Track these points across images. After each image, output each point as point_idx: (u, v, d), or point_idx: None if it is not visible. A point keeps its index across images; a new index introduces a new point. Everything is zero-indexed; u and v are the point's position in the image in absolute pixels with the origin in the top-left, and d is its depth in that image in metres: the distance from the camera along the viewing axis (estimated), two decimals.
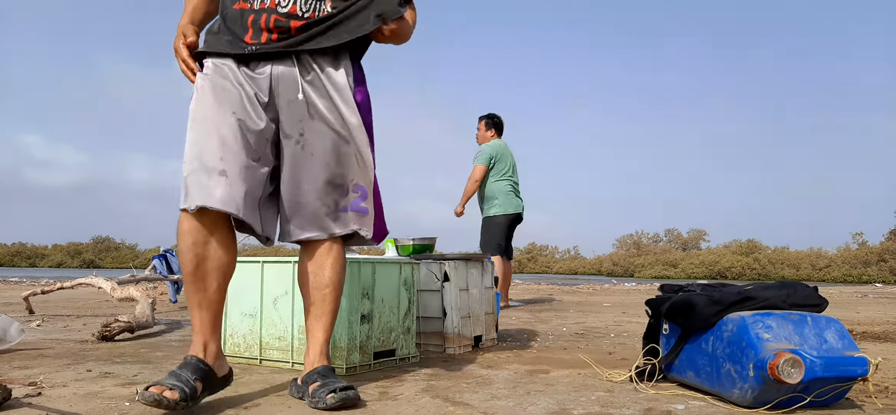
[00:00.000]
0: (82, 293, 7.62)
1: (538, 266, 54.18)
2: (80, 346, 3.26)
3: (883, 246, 39.68)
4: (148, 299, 4.14)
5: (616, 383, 2.39)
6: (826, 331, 2.01)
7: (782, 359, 1.84)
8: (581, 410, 1.97)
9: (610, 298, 9.20)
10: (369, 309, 2.65)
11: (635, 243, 55.78)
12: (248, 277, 2.80)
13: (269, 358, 2.72)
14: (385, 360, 2.73)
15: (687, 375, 2.26)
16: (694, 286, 2.45)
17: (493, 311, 3.54)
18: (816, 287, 2.22)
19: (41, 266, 52.83)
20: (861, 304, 8.24)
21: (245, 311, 2.81)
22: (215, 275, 1.91)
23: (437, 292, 3.17)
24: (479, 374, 2.57)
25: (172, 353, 3.05)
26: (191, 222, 1.88)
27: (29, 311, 4.98)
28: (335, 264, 2.07)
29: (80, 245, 55.91)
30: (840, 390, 1.95)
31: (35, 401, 1.96)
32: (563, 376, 2.53)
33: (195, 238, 1.87)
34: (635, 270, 48.54)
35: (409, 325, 2.88)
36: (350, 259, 2.56)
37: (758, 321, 2.00)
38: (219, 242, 1.90)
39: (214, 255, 1.90)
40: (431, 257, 3.26)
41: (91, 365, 2.65)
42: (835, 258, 40.63)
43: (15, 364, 2.65)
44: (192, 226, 1.88)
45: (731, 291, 2.20)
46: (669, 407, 2.00)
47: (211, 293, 1.91)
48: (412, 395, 2.15)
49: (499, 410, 1.95)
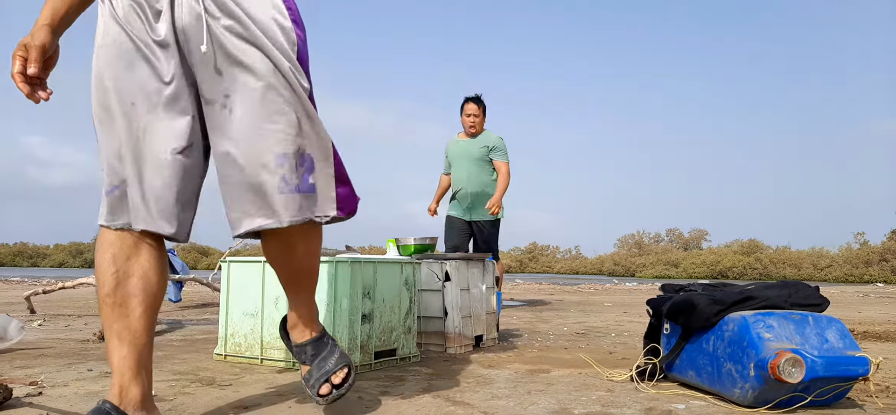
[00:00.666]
0: (83, 293, 7.63)
1: (539, 266, 54.21)
2: (81, 345, 3.26)
3: (884, 246, 39.66)
4: None
5: (617, 383, 2.38)
6: (827, 331, 2.01)
7: (783, 358, 1.84)
8: (582, 409, 1.97)
9: (611, 297, 9.20)
10: (370, 309, 2.65)
11: (636, 243, 55.79)
12: (250, 276, 2.80)
13: (270, 358, 2.72)
14: (386, 359, 2.73)
15: (688, 374, 2.26)
16: (695, 286, 2.45)
17: (494, 311, 3.54)
18: (818, 287, 2.22)
19: (43, 266, 52.91)
20: (862, 303, 8.23)
21: (246, 310, 2.81)
22: (140, 298, 1.57)
23: (439, 292, 3.17)
24: (479, 373, 2.57)
25: (173, 352, 3.05)
26: (110, 233, 1.58)
27: (30, 310, 4.99)
28: (300, 254, 1.72)
29: (81, 245, 56.01)
30: (841, 389, 1.95)
31: (36, 400, 1.96)
32: (564, 376, 2.53)
33: (115, 251, 1.57)
34: (636, 269, 48.55)
35: (411, 324, 2.88)
36: (351, 259, 2.56)
37: (759, 321, 2.00)
38: (145, 259, 1.59)
39: (138, 272, 1.58)
40: (433, 257, 3.26)
41: (92, 365, 2.65)
42: (836, 258, 40.62)
43: (16, 364, 2.65)
44: (111, 238, 1.58)
45: (732, 291, 2.20)
46: (670, 407, 2.00)
47: (133, 321, 1.56)
48: (413, 394, 2.15)
49: (500, 409, 1.95)
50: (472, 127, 5.13)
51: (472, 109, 5.12)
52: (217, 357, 2.86)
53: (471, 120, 5.11)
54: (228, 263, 2.90)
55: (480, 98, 5.18)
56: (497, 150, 5.09)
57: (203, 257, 47.14)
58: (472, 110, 5.11)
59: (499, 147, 5.09)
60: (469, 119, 5.13)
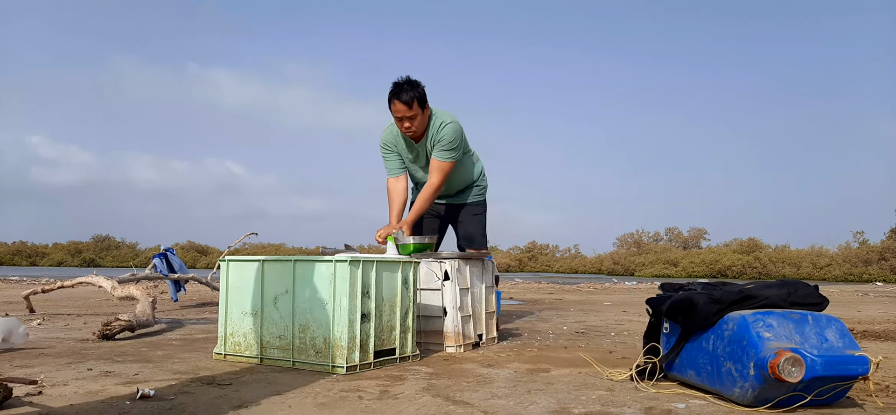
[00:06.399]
0: (83, 292, 7.62)
1: (539, 265, 54.17)
2: (80, 344, 3.26)
3: (884, 245, 39.64)
4: (148, 298, 4.14)
5: (617, 382, 2.38)
6: (827, 330, 2.01)
7: (783, 358, 1.84)
8: (582, 409, 1.97)
9: (610, 296, 9.20)
10: (370, 308, 2.65)
11: (636, 242, 55.76)
12: (249, 275, 2.80)
13: (269, 357, 2.72)
14: (386, 359, 2.73)
15: (687, 374, 2.26)
16: (694, 285, 2.45)
17: (494, 310, 3.54)
18: (817, 286, 2.22)
19: (42, 265, 52.88)
20: (862, 303, 8.24)
21: (245, 309, 2.81)
22: None
23: (438, 291, 3.17)
24: (479, 373, 2.57)
25: (173, 351, 3.05)
26: None
27: (30, 310, 4.99)
28: None
29: (80, 244, 55.95)
30: (840, 388, 1.95)
31: (36, 400, 1.96)
32: (563, 375, 2.53)
33: None
34: (636, 268, 48.53)
35: (410, 324, 2.88)
36: (350, 258, 2.56)
37: (758, 320, 2.00)
38: None
39: None
40: (432, 256, 3.26)
41: (92, 364, 2.65)
42: (835, 257, 40.60)
43: (16, 363, 2.65)
44: None
45: (731, 290, 2.20)
46: (670, 406, 2.00)
47: None
48: (413, 394, 2.15)
49: (499, 409, 1.95)
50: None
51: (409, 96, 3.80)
52: (217, 356, 2.86)
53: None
54: (227, 263, 2.90)
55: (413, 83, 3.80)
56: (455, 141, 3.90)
57: (202, 257, 47.11)
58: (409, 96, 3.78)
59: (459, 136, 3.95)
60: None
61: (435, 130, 3.64)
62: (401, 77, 3.57)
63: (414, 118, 3.53)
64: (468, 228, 3.94)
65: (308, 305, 2.62)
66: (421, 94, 3.54)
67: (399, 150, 3.79)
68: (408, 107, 3.49)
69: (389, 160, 3.82)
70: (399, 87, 3.53)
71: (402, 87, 3.53)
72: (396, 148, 3.79)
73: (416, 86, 3.53)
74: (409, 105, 3.49)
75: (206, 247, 49.86)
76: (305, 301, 2.63)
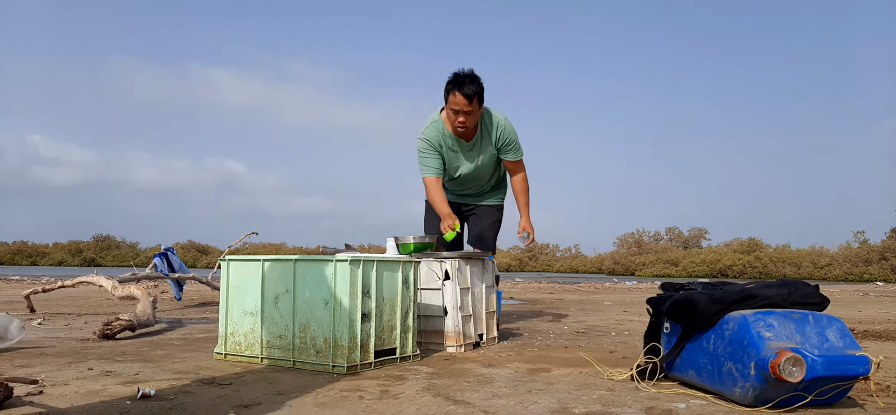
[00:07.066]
0: (83, 291, 7.63)
1: (539, 265, 54.15)
2: (81, 344, 3.26)
3: (884, 244, 39.60)
4: (149, 298, 4.14)
5: (617, 382, 2.38)
6: (827, 330, 2.01)
7: (784, 358, 1.84)
8: (582, 408, 1.97)
9: (611, 296, 9.20)
10: (370, 308, 2.65)
11: (636, 242, 55.72)
12: (249, 275, 2.80)
13: (270, 357, 2.72)
14: (386, 358, 2.73)
15: (688, 373, 2.26)
16: (695, 285, 2.45)
17: (494, 310, 3.54)
18: (817, 286, 2.22)
19: (42, 264, 52.89)
20: (862, 302, 8.23)
21: (246, 309, 2.81)
22: None
23: (438, 291, 3.17)
24: (479, 372, 2.57)
25: (174, 351, 3.05)
26: None
27: (30, 309, 4.99)
28: None
29: (80, 243, 55.97)
30: (841, 388, 1.95)
31: (36, 399, 1.96)
32: (564, 375, 2.53)
33: None
34: (636, 268, 48.50)
35: (410, 323, 2.88)
36: (351, 258, 2.56)
37: (759, 320, 2.00)
38: None
39: None
40: (432, 256, 3.26)
41: (92, 363, 2.65)
42: (836, 256, 40.56)
43: (16, 363, 2.65)
44: None
45: (732, 290, 2.20)
46: (671, 406, 2.00)
47: None
48: (413, 394, 2.15)
49: (500, 409, 1.95)
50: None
51: (464, 95, 3.89)
52: (217, 356, 2.86)
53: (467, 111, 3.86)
54: (228, 262, 2.90)
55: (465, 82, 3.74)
56: (516, 144, 3.91)
57: (202, 256, 47.12)
58: (461, 97, 3.86)
59: (516, 140, 3.86)
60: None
61: (494, 128, 3.55)
62: (462, 69, 3.39)
63: (470, 114, 3.38)
64: (483, 229, 3.84)
65: (308, 305, 2.62)
66: (482, 89, 3.38)
67: (443, 150, 3.61)
68: (469, 101, 3.32)
69: (430, 158, 3.60)
70: (461, 79, 3.34)
71: (464, 79, 3.34)
72: (440, 148, 3.61)
73: (478, 80, 3.37)
74: (470, 99, 3.32)
75: (206, 246, 49.90)
76: (306, 301, 2.63)
